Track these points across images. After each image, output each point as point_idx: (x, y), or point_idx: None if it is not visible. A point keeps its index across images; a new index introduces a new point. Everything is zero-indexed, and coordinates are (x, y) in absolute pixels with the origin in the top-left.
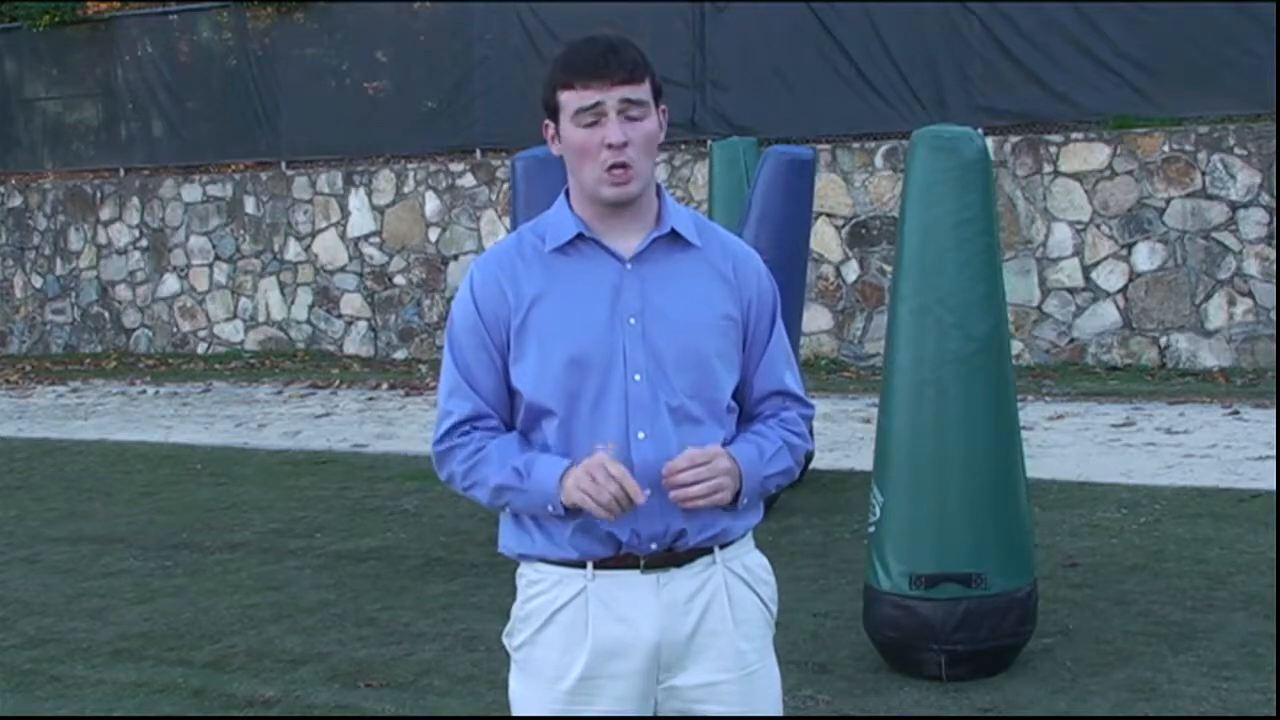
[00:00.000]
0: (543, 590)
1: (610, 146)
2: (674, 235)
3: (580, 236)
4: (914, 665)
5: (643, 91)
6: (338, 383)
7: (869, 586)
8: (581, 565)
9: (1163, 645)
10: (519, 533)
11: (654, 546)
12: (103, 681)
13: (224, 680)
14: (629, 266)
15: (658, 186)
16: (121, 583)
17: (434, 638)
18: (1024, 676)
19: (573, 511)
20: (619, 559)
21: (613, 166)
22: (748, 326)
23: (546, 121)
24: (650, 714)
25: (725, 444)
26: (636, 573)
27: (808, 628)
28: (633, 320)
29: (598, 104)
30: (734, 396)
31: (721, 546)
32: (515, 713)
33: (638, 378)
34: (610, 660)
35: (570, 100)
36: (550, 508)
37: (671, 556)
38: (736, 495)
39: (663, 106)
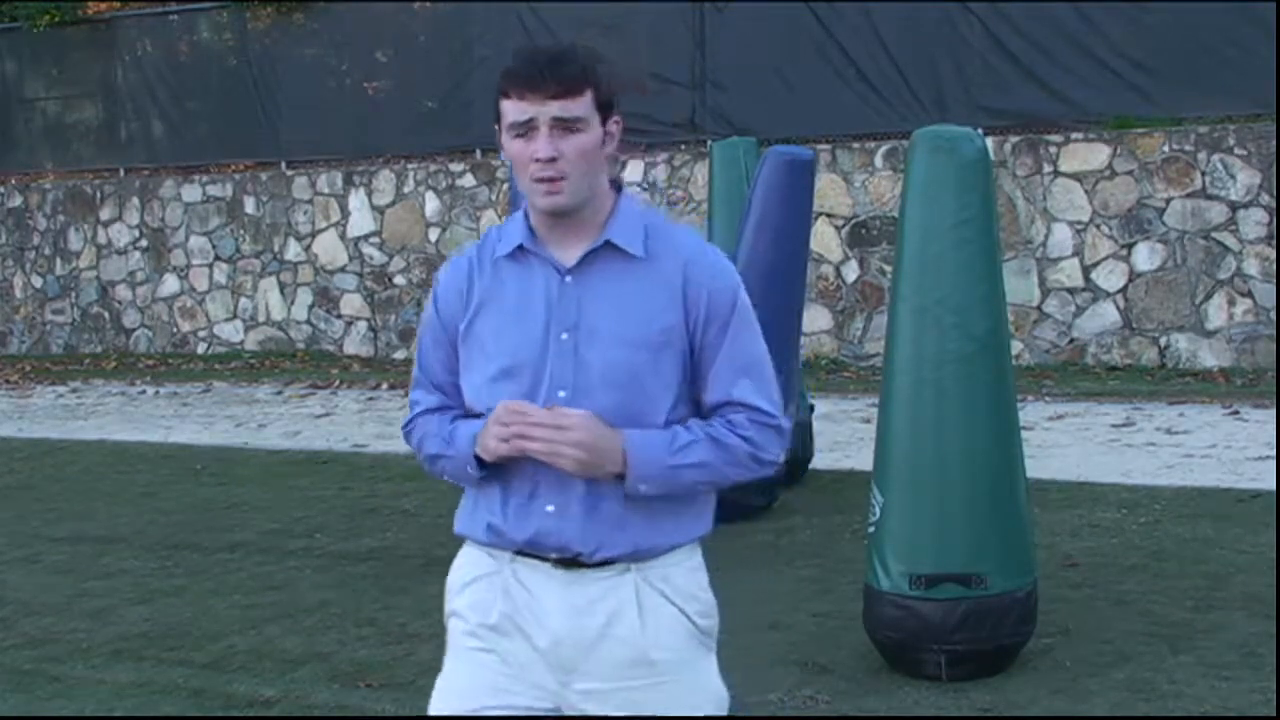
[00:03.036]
0: (467, 563)
1: (538, 160)
2: (615, 247)
3: (522, 247)
4: (914, 665)
5: (579, 106)
6: (338, 383)
7: (869, 586)
8: (504, 550)
9: (1163, 645)
10: (461, 514)
11: (554, 556)
12: (103, 681)
13: (224, 680)
14: (568, 279)
15: (620, 193)
16: (121, 583)
17: (434, 638)
18: (1024, 676)
19: (490, 471)
20: (533, 552)
21: (541, 178)
22: (694, 337)
23: (496, 125)
24: (530, 705)
25: None
26: (550, 565)
27: (808, 628)
28: (565, 335)
29: (530, 119)
30: (695, 406)
31: (640, 560)
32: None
33: (562, 394)
34: (505, 639)
35: (508, 110)
36: (469, 469)
37: (580, 561)
38: (621, 475)
39: (615, 117)
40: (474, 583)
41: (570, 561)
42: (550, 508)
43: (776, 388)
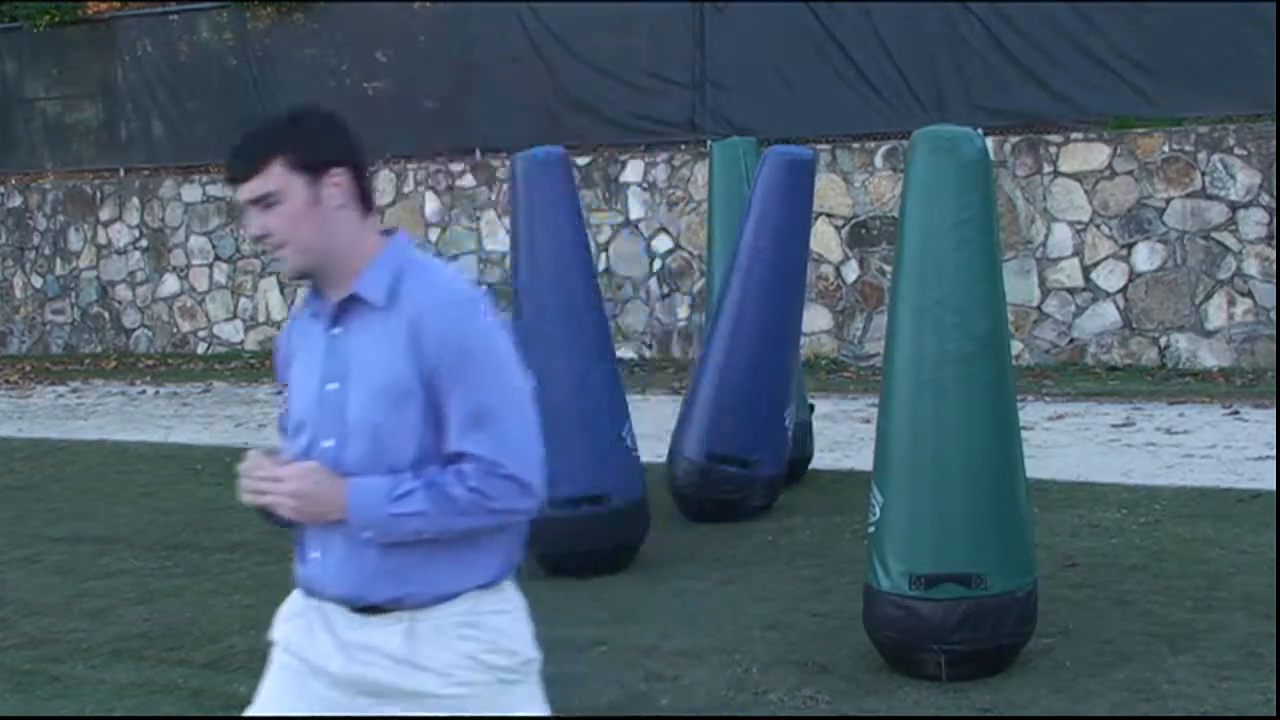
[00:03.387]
0: (293, 599)
1: (254, 238)
2: (361, 298)
3: (307, 304)
4: (914, 665)
5: (266, 182)
6: None
7: (869, 586)
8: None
9: (1163, 645)
10: None
11: (330, 600)
12: (103, 681)
13: (224, 680)
14: (334, 331)
15: (390, 243)
16: (121, 583)
17: None
18: (1024, 676)
19: (278, 519)
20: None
21: (267, 249)
22: (432, 387)
23: None
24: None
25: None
26: (344, 610)
27: (808, 628)
28: (331, 386)
29: (240, 203)
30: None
31: (412, 609)
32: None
33: (327, 444)
34: (310, 670)
35: None
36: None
37: (355, 606)
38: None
39: (333, 171)
40: (292, 618)
41: (350, 606)
42: (316, 554)
43: (524, 436)
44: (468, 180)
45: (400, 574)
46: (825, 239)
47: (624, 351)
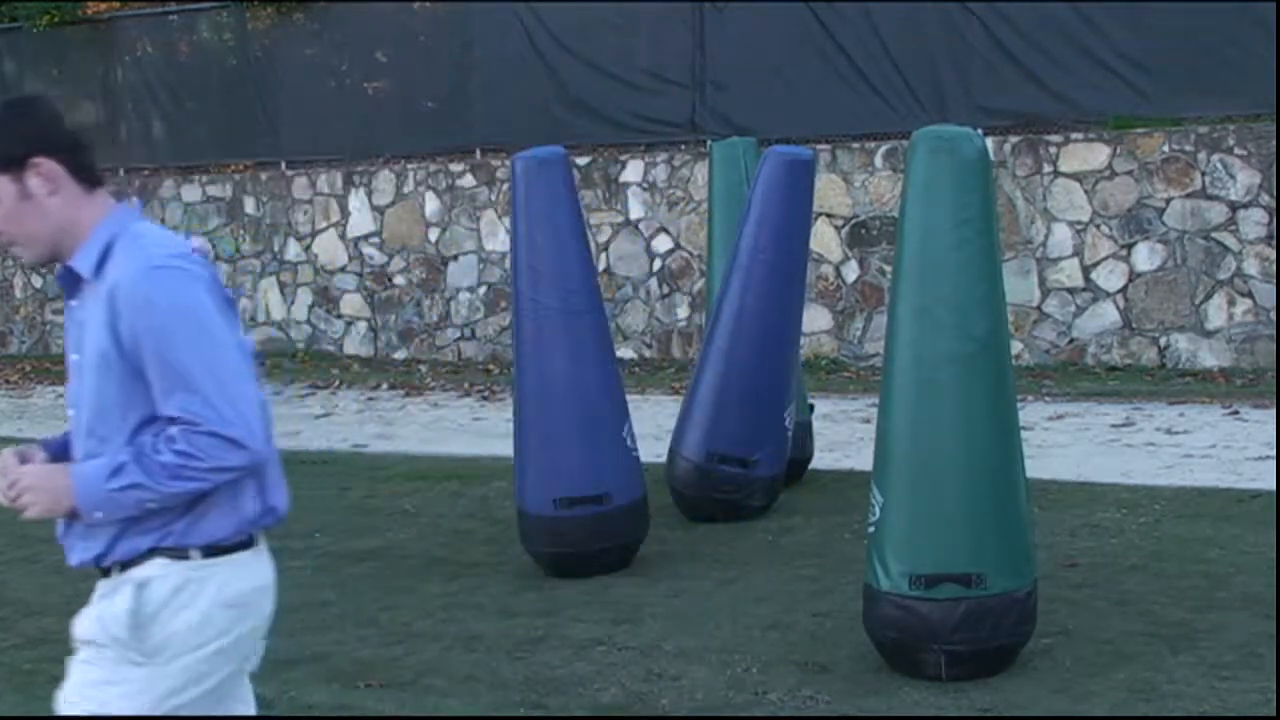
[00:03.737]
0: None
1: None
2: (75, 272)
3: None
4: (914, 665)
5: None
6: (338, 383)
7: (869, 586)
8: None
9: (1163, 645)
10: None
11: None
12: None
13: None
14: (73, 303)
15: (109, 215)
16: None
17: (434, 638)
18: (1024, 676)
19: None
20: None
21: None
22: (130, 355)
23: None
24: None
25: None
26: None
27: (808, 628)
28: (74, 356)
29: None
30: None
31: (122, 566)
32: None
33: (71, 412)
34: None
35: None
36: None
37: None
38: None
39: (33, 164)
40: None
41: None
42: (60, 522)
43: (225, 393)
44: (468, 180)
45: (94, 539)
46: (825, 239)
47: (624, 351)
